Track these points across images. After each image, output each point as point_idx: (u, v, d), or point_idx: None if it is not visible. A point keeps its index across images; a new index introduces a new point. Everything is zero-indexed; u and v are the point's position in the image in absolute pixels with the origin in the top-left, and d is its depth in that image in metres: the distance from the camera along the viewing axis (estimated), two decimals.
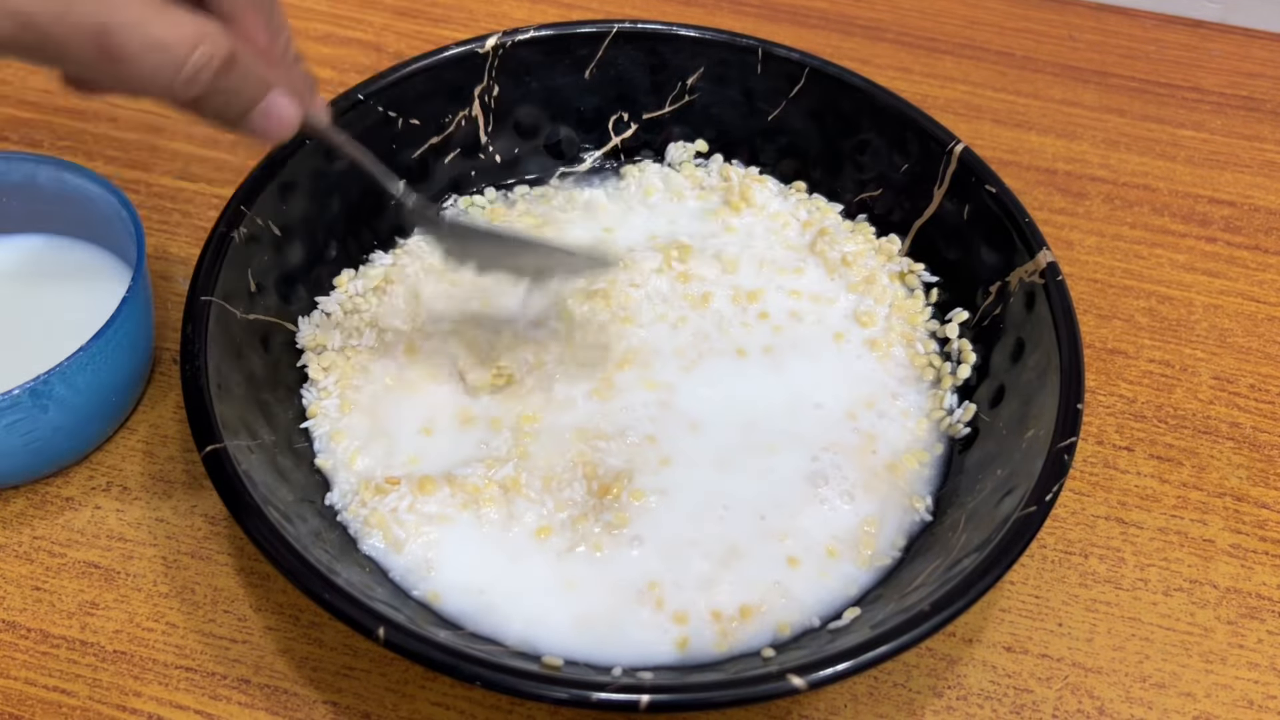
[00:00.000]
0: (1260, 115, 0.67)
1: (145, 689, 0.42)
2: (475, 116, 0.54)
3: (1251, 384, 0.54)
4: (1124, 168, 0.63)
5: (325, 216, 0.50)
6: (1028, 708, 0.43)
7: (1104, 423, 0.52)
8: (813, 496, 0.45)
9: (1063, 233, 0.60)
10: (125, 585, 0.45)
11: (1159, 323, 0.56)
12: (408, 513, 0.43)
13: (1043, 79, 0.68)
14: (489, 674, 0.34)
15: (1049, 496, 0.39)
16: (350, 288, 0.50)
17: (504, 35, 0.53)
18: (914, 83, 0.67)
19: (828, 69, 0.53)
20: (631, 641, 0.41)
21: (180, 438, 0.49)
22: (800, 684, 0.34)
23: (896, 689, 0.43)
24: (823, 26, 0.71)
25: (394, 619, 0.36)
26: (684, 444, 0.46)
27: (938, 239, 0.51)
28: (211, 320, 0.42)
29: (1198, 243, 0.60)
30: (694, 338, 0.49)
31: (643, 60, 0.55)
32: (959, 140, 0.50)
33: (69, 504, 0.47)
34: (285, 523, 0.39)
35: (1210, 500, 0.49)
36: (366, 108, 0.50)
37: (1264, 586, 0.47)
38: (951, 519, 0.43)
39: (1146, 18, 0.73)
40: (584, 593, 0.42)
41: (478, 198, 0.55)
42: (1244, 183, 0.63)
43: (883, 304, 0.51)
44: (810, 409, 0.48)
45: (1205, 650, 0.45)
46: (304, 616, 0.44)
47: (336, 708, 0.42)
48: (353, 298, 0.50)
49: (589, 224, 0.54)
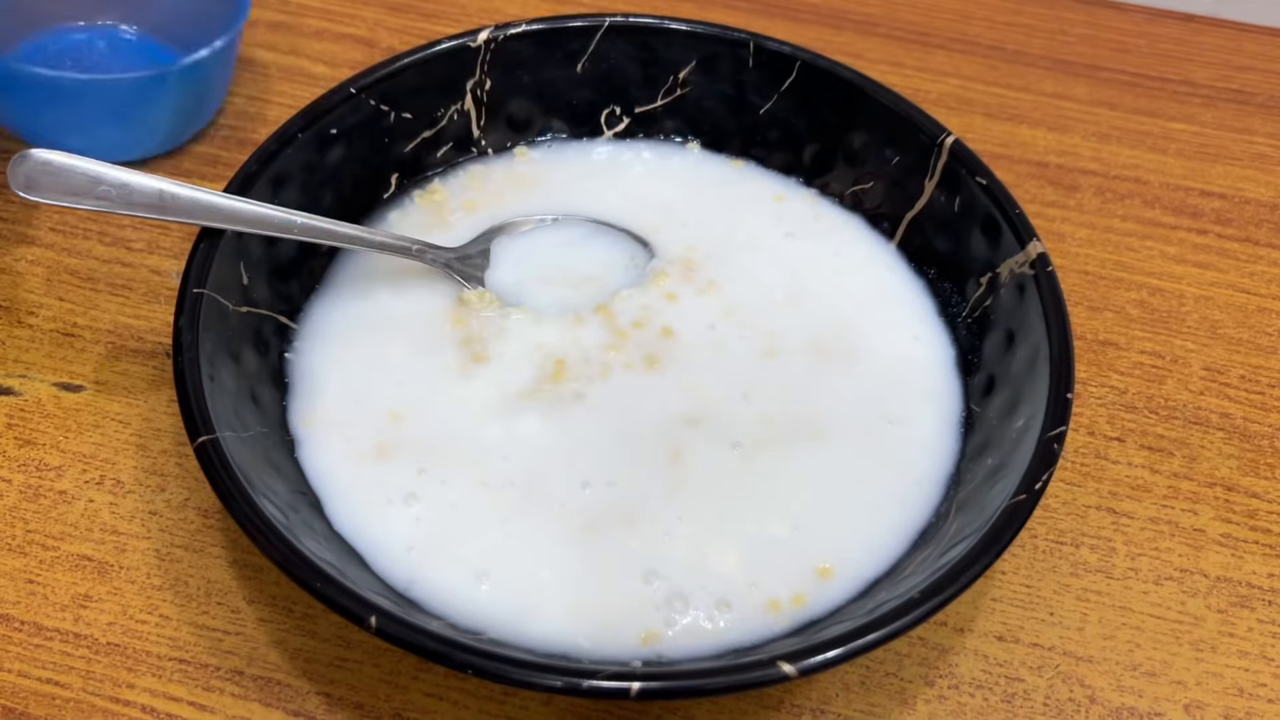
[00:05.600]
0: (1251, 108, 0.67)
1: (139, 681, 0.42)
2: (467, 110, 0.54)
3: (1242, 375, 0.54)
4: (1115, 160, 0.64)
5: (318, 210, 0.50)
6: (1019, 696, 0.43)
7: (1095, 413, 0.52)
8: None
9: (1054, 225, 0.60)
10: (118, 578, 0.45)
11: (1150, 314, 0.56)
12: (401, 503, 0.43)
13: (1034, 73, 0.69)
14: (481, 662, 0.35)
15: (1039, 485, 0.39)
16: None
17: (496, 29, 0.53)
18: (906, 77, 0.68)
19: (819, 62, 0.53)
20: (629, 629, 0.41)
21: (173, 430, 0.49)
22: (791, 671, 0.35)
23: (888, 678, 0.43)
24: (815, 21, 0.71)
25: (386, 608, 0.36)
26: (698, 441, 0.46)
27: (929, 231, 0.52)
28: (203, 313, 0.43)
29: (1189, 235, 0.60)
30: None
31: (635, 54, 0.55)
32: (950, 133, 0.50)
33: (62, 497, 0.47)
34: (278, 514, 0.39)
35: (1201, 490, 0.50)
36: (359, 101, 0.51)
37: (1254, 575, 0.47)
38: (942, 508, 0.44)
39: (1138, 12, 0.73)
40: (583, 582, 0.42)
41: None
42: (1235, 175, 0.63)
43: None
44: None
45: (1196, 639, 0.45)
46: (297, 609, 0.44)
47: (330, 699, 0.42)
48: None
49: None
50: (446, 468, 0.44)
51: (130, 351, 0.51)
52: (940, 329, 0.50)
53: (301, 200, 0.49)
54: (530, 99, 0.55)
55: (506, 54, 0.53)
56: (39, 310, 0.53)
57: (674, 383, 0.47)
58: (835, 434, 0.46)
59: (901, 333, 0.50)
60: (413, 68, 0.52)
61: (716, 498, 0.44)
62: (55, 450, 0.48)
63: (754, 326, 0.50)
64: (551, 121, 0.56)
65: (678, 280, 0.51)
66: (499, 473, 0.44)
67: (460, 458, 0.45)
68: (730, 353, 0.49)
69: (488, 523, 0.43)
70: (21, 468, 0.47)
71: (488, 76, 0.54)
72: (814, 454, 0.46)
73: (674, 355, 0.48)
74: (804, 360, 0.49)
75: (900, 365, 0.49)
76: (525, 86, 0.55)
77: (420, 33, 0.68)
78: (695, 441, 0.45)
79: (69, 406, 0.49)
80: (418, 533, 0.43)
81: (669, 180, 0.55)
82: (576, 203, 0.54)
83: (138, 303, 0.53)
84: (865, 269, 0.52)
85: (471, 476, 0.44)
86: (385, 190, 0.53)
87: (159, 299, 0.53)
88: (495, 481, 0.44)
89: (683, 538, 0.43)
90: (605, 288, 0.51)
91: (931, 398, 0.48)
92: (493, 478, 0.44)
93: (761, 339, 0.49)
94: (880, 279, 0.52)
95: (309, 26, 0.68)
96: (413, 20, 0.69)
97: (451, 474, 0.44)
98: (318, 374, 0.47)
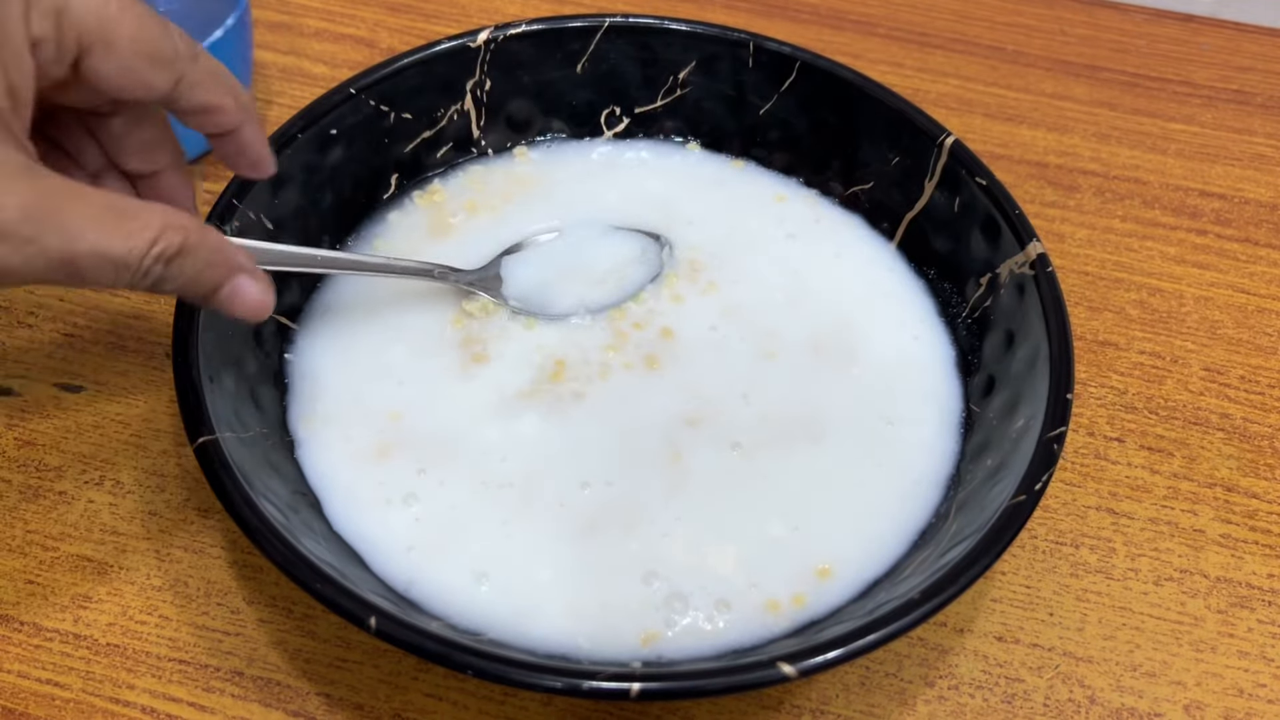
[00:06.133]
0: (1250, 109, 0.67)
1: (138, 681, 0.42)
2: (467, 110, 0.54)
3: (1242, 375, 0.54)
4: (1115, 161, 0.64)
5: (317, 210, 0.50)
6: (1019, 697, 0.43)
7: (1095, 414, 0.52)
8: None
9: (1054, 225, 0.60)
10: (118, 579, 0.45)
11: (1150, 315, 0.56)
12: (400, 504, 0.43)
13: (1034, 73, 0.69)
14: (480, 663, 0.35)
15: (1039, 485, 0.39)
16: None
17: (496, 29, 0.53)
18: (905, 77, 0.68)
19: (819, 63, 0.53)
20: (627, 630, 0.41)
21: (173, 431, 0.49)
22: (790, 671, 0.35)
23: (888, 679, 0.43)
24: (814, 21, 0.71)
25: (385, 609, 0.36)
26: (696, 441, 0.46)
27: (928, 231, 0.52)
28: (203, 313, 0.43)
29: (1188, 235, 0.60)
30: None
31: (634, 54, 0.55)
32: (949, 133, 0.50)
33: (62, 498, 0.47)
34: (278, 515, 0.39)
35: (1201, 491, 0.50)
36: (358, 101, 0.50)
37: (1254, 576, 0.47)
38: (942, 509, 0.44)
39: (1137, 12, 0.73)
40: (581, 583, 0.42)
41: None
42: (1234, 176, 0.63)
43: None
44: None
45: (1195, 639, 0.45)
46: (297, 609, 0.44)
47: (330, 699, 0.42)
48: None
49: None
50: (446, 468, 0.44)
51: (130, 351, 0.52)
52: (940, 329, 0.50)
53: (301, 201, 0.49)
54: (530, 99, 0.55)
55: (506, 54, 0.53)
56: (39, 310, 0.53)
57: (674, 383, 0.47)
58: (835, 434, 0.46)
59: (901, 333, 0.50)
60: (413, 68, 0.51)
61: (716, 498, 0.44)
62: (55, 450, 0.48)
63: (754, 327, 0.50)
64: (551, 122, 0.56)
65: (678, 280, 0.51)
66: (499, 473, 0.44)
67: (460, 458, 0.45)
68: (730, 353, 0.49)
69: (488, 523, 0.43)
70: (21, 468, 0.47)
71: (488, 77, 0.54)
72: (814, 454, 0.46)
73: (674, 355, 0.48)
74: (804, 360, 0.49)
75: (900, 366, 0.49)
76: (525, 87, 0.55)
77: (420, 33, 0.68)
78: (695, 442, 0.45)
79: (69, 406, 0.49)
80: (417, 533, 0.43)
81: (669, 181, 0.55)
82: (578, 203, 0.54)
83: (138, 303, 0.53)
84: (865, 269, 0.52)
85: (471, 477, 0.44)
86: (385, 191, 0.53)
87: (159, 299, 0.53)
88: (495, 482, 0.44)
89: (682, 538, 0.43)
90: (626, 282, 0.51)
91: (931, 398, 0.48)
92: (492, 478, 0.44)
93: (761, 339, 0.49)
94: (880, 279, 0.52)
95: (309, 27, 0.68)
96: (413, 20, 0.69)
97: (451, 474, 0.44)
98: (317, 375, 0.47)
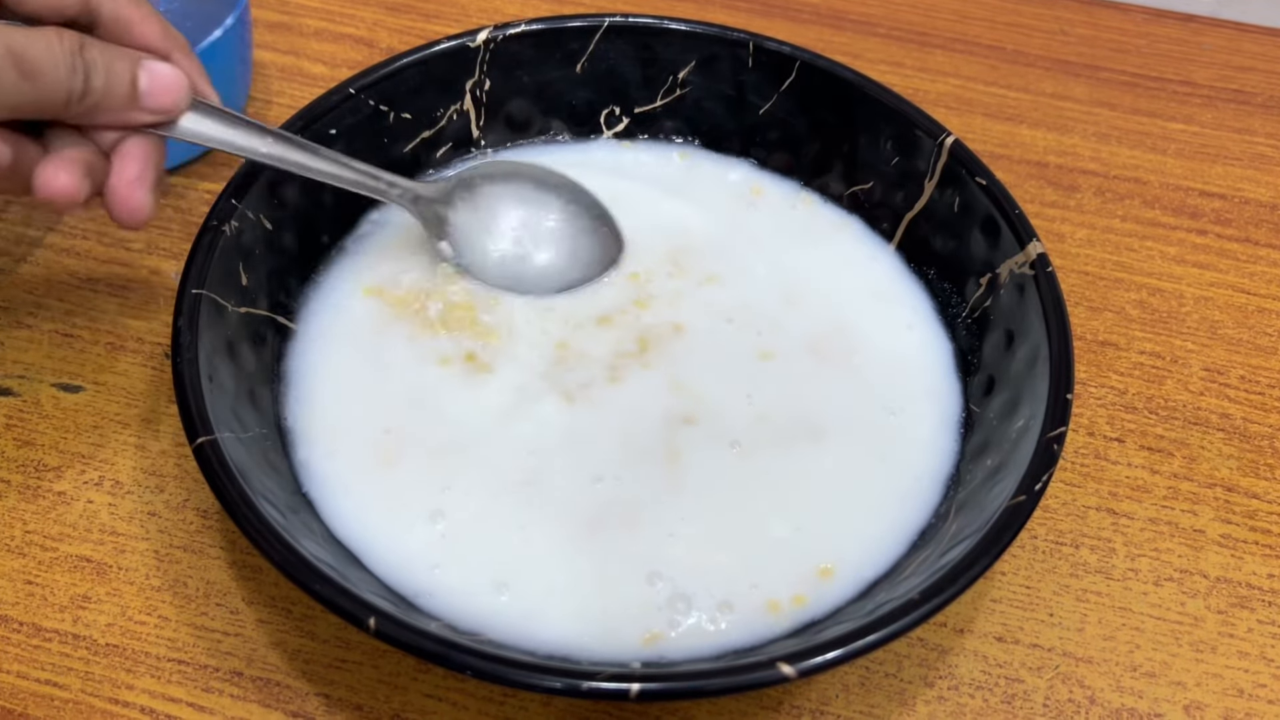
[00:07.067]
0: (1251, 109, 0.67)
1: (138, 682, 0.42)
2: (467, 110, 0.54)
3: (1242, 375, 0.54)
4: (1115, 161, 0.64)
5: (317, 209, 0.50)
6: (1019, 697, 0.43)
7: (1095, 414, 0.52)
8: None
9: (1054, 225, 0.60)
10: (117, 579, 0.45)
11: (1150, 315, 0.56)
12: (400, 504, 0.43)
13: (1034, 73, 0.69)
14: (480, 663, 0.35)
15: (1039, 486, 0.39)
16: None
17: (495, 29, 0.53)
18: (905, 77, 0.68)
19: (819, 62, 0.53)
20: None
21: (172, 431, 0.49)
22: (790, 672, 0.35)
23: (888, 679, 0.43)
24: (814, 21, 0.71)
25: (385, 609, 0.36)
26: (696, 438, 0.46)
27: (928, 231, 0.52)
28: (202, 313, 0.42)
29: (1188, 235, 0.60)
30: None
31: (634, 54, 0.55)
32: (949, 133, 0.50)
33: (61, 498, 0.47)
34: (277, 515, 0.39)
35: (1201, 491, 0.50)
36: (358, 101, 0.50)
37: (1254, 576, 0.47)
38: (942, 509, 0.43)
39: (1138, 12, 0.73)
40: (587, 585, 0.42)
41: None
42: (1234, 175, 0.63)
43: None
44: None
45: (1195, 639, 0.45)
46: (296, 610, 0.44)
47: (329, 700, 0.42)
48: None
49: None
50: (445, 468, 0.44)
51: (130, 352, 0.51)
52: (940, 329, 0.50)
53: (301, 201, 0.49)
54: (529, 99, 0.55)
55: (506, 54, 0.53)
56: (39, 310, 0.53)
57: (672, 383, 0.47)
58: (835, 434, 0.46)
59: (901, 333, 0.50)
60: (412, 68, 0.51)
61: (717, 498, 0.44)
62: (54, 451, 0.48)
63: (753, 327, 0.50)
64: (551, 121, 0.56)
65: (677, 280, 0.51)
66: (498, 474, 0.44)
67: (459, 458, 0.45)
68: (729, 353, 0.49)
69: (488, 525, 0.43)
70: (20, 468, 0.47)
71: (487, 77, 0.54)
72: (814, 454, 0.46)
73: (673, 355, 0.48)
74: (804, 360, 0.49)
75: (900, 365, 0.49)
76: (525, 87, 0.55)
77: (420, 33, 0.68)
78: (693, 441, 0.45)
79: (68, 407, 0.49)
80: (416, 533, 0.43)
81: (669, 181, 0.55)
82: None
83: (137, 303, 0.53)
84: (865, 269, 0.52)
85: (471, 477, 0.44)
86: None
87: (158, 299, 0.53)
88: (495, 483, 0.44)
89: (685, 539, 0.43)
90: (580, 252, 0.51)
91: (931, 398, 0.48)
92: (492, 479, 0.44)
93: (761, 339, 0.49)
94: (880, 279, 0.52)
95: (308, 27, 0.68)
96: (412, 20, 0.69)
97: (450, 475, 0.44)
98: (316, 375, 0.47)
